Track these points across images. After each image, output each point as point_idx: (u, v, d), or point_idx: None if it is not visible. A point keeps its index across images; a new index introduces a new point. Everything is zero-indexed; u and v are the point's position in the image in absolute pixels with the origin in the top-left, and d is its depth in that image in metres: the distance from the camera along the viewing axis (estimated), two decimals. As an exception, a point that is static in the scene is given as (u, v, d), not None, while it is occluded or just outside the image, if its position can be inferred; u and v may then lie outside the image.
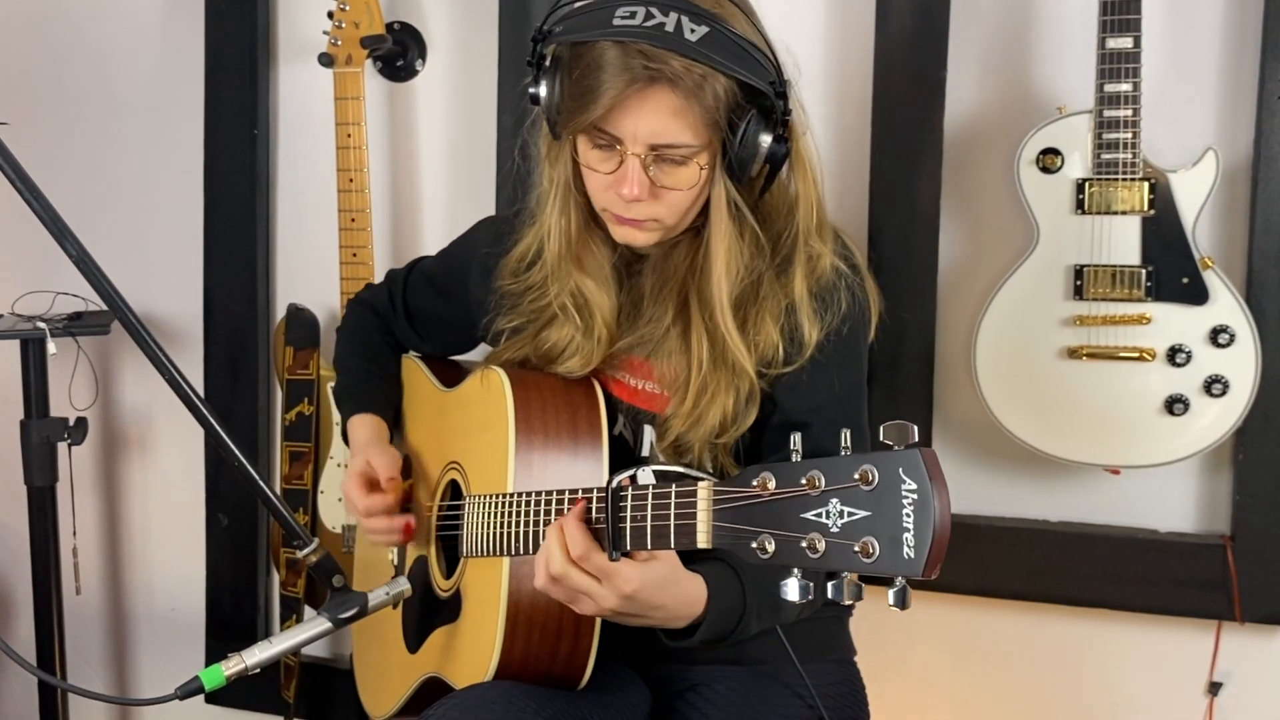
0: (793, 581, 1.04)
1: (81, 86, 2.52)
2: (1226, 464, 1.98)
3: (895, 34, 1.99)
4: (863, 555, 0.97)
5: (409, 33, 2.29)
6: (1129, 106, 1.81)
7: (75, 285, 2.13)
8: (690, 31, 1.32)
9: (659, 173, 1.39)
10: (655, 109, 1.34)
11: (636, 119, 1.35)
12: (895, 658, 2.15)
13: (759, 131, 1.39)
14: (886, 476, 0.97)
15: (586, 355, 1.52)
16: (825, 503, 1.01)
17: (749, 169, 1.40)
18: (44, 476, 2.25)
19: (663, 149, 1.37)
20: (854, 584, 1.01)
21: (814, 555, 1.01)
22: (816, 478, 1.02)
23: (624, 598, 1.25)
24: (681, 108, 1.34)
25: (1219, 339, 1.84)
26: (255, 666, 1.37)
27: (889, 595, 0.99)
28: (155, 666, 2.67)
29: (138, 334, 1.38)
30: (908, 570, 0.96)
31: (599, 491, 1.26)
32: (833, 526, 1.00)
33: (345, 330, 1.86)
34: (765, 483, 1.06)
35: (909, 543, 0.95)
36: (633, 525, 1.21)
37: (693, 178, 1.40)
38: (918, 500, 0.95)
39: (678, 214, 1.43)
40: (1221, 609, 1.97)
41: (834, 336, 1.47)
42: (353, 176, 2.16)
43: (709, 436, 1.46)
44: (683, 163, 1.38)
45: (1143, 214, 1.85)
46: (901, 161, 2.01)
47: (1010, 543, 2.05)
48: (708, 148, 1.39)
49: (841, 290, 1.48)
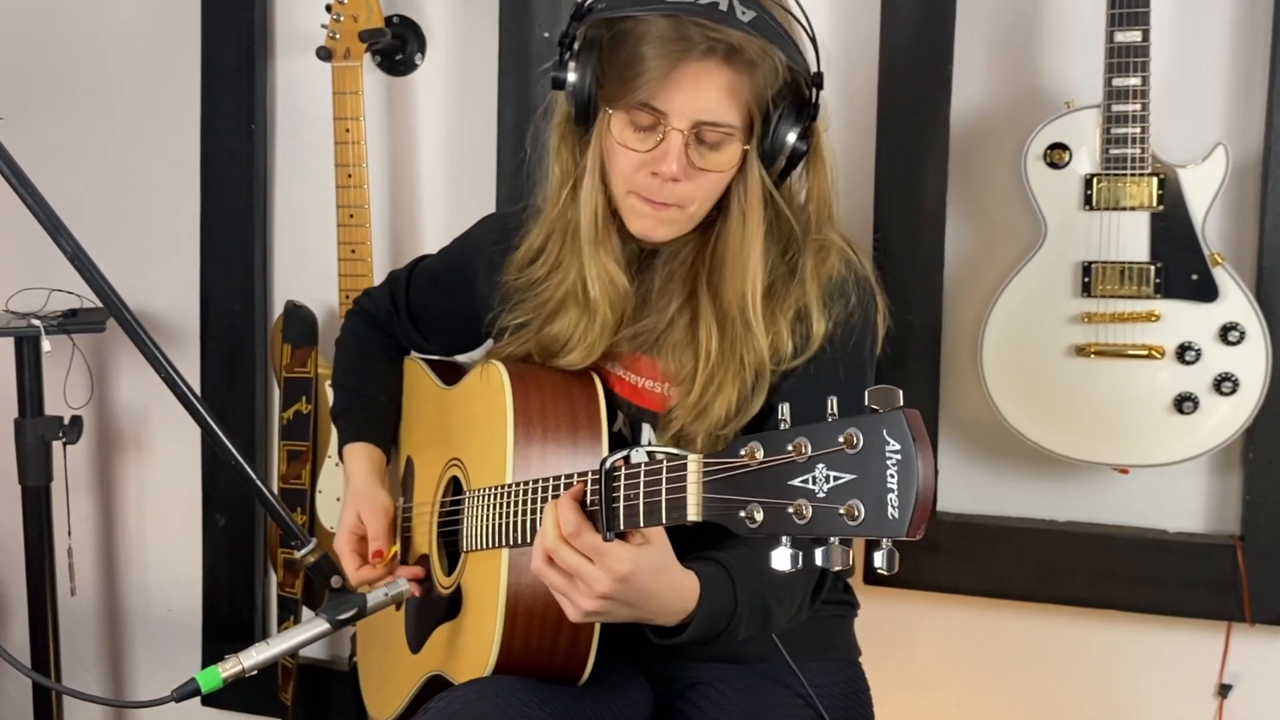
0: (782, 550, 1.04)
1: (76, 80, 2.52)
2: (1236, 463, 1.98)
3: (901, 27, 1.99)
4: (848, 518, 0.98)
5: (408, 26, 2.28)
6: (1138, 101, 1.81)
7: (70, 282, 2.14)
8: (742, 14, 1.34)
9: (696, 154, 1.39)
10: (710, 83, 1.36)
11: (689, 93, 1.36)
12: (901, 659, 2.15)
13: (791, 121, 1.41)
14: (870, 439, 0.98)
15: (589, 346, 1.52)
16: (812, 468, 1.01)
17: (779, 158, 1.42)
18: (38, 476, 2.25)
19: (705, 127, 1.38)
20: (840, 549, 1.01)
21: (801, 521, 1.01)
22: (803, 444, 1.02)
23: (618, 580, 1.23)
24: (734, 85, 1.36)
25: (1229, 336, 1.84)
26: (253, 668, 1.36)
27: (875, 557, 0.99)
28: (151, 668, 2.67)
29: (133, 331, 1.38)
30: (892, 531, 0.96)
31: (593, 473, 1.25)
32: (819, 492, 1.00)
33: (343, 344, 1.85)
34: (753, 452, 1.06)
35: (893, 503, 0.96)
36: (626, 504, 1.21)
37: (730, 160, 1.41)
38: (902, 460, 0.96)
39: (707, 198, 1.44)
40: (1231, 610, 1.97)
41: (841, 347, 1.47)
42: (351, 172, 2.15)
43: (713, 429, 1.45)
44: (720, 145, 1.39)
45: (1151, 210, 1.85)
46: (907, 157, 2.00)
47: (1017, 543, 2.05)
48: (745, 132, 1.40)
49: (853, 300, 1.48)
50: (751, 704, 1.53)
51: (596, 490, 1.24)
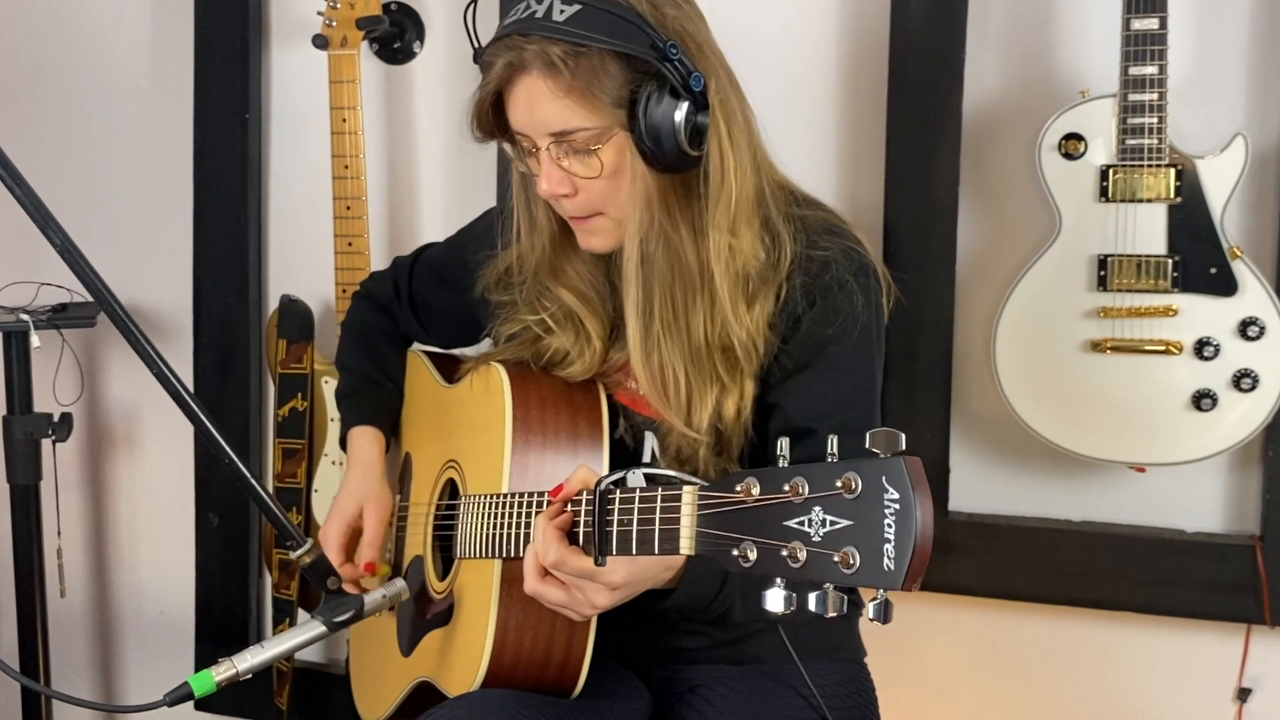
0: (776, 591, 1.03)
1: (66, 68, 2.51)
2: (1256, 461, 1.97)
3: (912, 14, 1.98)
4: (843, 566, 0.97)
5: (406, 13, 2.28)
6: (1155, 90, 1.81)
7: (60, 276, 2.11)
8: (560, 12, 1.34)
9: (572, 164, 1.40)
10: (530, 95, 1.37)
11: (521, 109, 1.38)
12: (910, 662, 2.14)
13: (664, 102, 1.36)
14: (869, 485, 0.97)
15: (586, 363, 1.53)
16: (808, 510, 1.00)
17: (668, 145, 1.37)
18: (27, 474, 2.24)
19: (563, 136, 1.38)
20: (837, 595, 1.00)
21: (795, 564, 1.00)
22: (800, 484, 1.01)
23: (613, 589, 1.27)
24: (557, 89, 1.35)
25: (1248, 331, 1.83)
26: (247, 672, 1.35)
27: (869, 609, 0.98)
28: (143, 672, 2.67)
29: (124, 326, 1.36)
30: (887, 582, 0.95)
31: (587, 494, 1.25)
32: (814, 535, 1.00)
33: (348, 326, 1.86)
34: (749, 488, 1.06)
35: (889, 554, 0.95)
36: (619, 529, 1.21)
37: (609, 160, 1.39)
38: (899, 510, 0.95)
39: (612, 203, 1.42)
40: (1251, 612, 1.96)
41: (842, 337, 1.45)
42: (348, 163, 2.15)
43: (711, 441, 1.45)
44: (591, 149, 1.38)
45: (1169, 201, 1.84)
46: (918, 148, 1.99)
47: (1031, 543, 2.05)
48: (613, 129, 1.38)
49: (853, 288, 1.44)
50: (752, 705, 1.52)
51: (590, 511, 1.24)
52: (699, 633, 1.53)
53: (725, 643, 1.53)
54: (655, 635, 1.53)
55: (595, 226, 1.44)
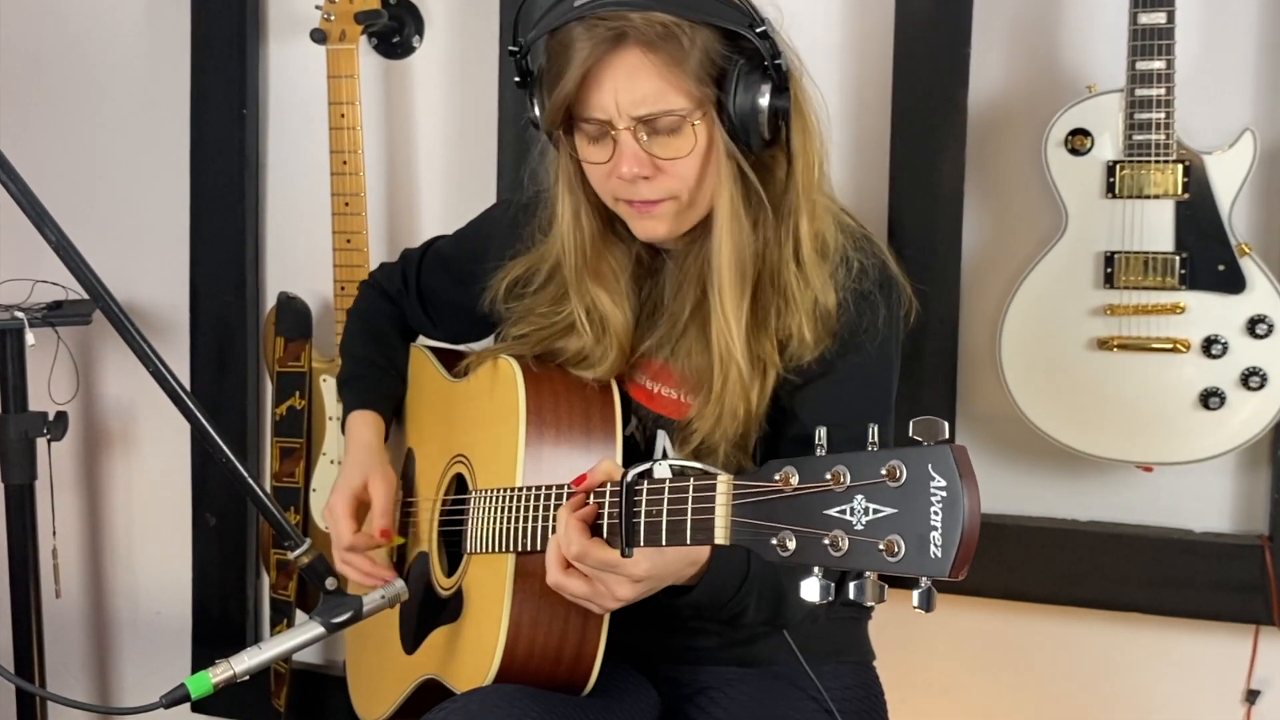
0: (813, 581, 1.04)
1: (61, 63, 2.51)
2: (1264, 461, 1.96)
3: (917, 9, 1.98)
4: (887, 554, 0.97)
5: (406, 8, 2.28)
6: (1162, 85, 1.80)
7: (55, 273, 2.11)
8: None
9: (654, 145, 1.36)
10: (627, 73, 1.33)
11: (612, 89, 1.34)
12: (918, 663, 2.15)
13: (754, 82, 1.35)
14: (915, 473, 0.96)
15: (608, 367, 1.51)
16: (850, 499, 1.00)
17: (752, 126, 1.37)
18: (22, 474, 2.24)
19: (650, 118, 1.35)
20: (876, 584, 1.00)
21: (836, 553, 1.00)
22: (841, 473, 1.01)
23: (636, 581, 1.27)
24: (653, 66, 1.32)
25: (1256, 329, 1.83)
26: (244, 673, 1.35)
27: (914, 596, 0.98)
28: (139, 673, 2.67)
29: (120, 324, 1.37)
30: (934, 570, 0.95)
31: (613, 486, 1.25)
32: (857, 524, 1.00)
33: (355, 313, 1.85)
34: (788, 478, 1.05)
35: (936, 542, 0.95)
36: (647, 520, 1.21)
37: (692, 143, 1.37)
38: (947, 498, 0.95)
39: (689, 185, 1.40)
40: (1259, 613, 1.95)
41: (860, 349, 1.44)
42: (346, 159, 2.15)
43: (735, 436, 1.44)
44: (676, 129, 1.36)
45: (1176, 198, 1.84)
46: (923, 143, 1.99)
47: (1038, 543, 2.04)
48: (701, 109, 1.36)
49: (878, 300, 1.44)
50: (762, 707, 1.52)
51: (616, 504, 1.23)
52: (711, 632, 1.52)
53: (737, 643, 1.52)
54: (666, 633, 1.52)
55: (663, 211, 1.41)
